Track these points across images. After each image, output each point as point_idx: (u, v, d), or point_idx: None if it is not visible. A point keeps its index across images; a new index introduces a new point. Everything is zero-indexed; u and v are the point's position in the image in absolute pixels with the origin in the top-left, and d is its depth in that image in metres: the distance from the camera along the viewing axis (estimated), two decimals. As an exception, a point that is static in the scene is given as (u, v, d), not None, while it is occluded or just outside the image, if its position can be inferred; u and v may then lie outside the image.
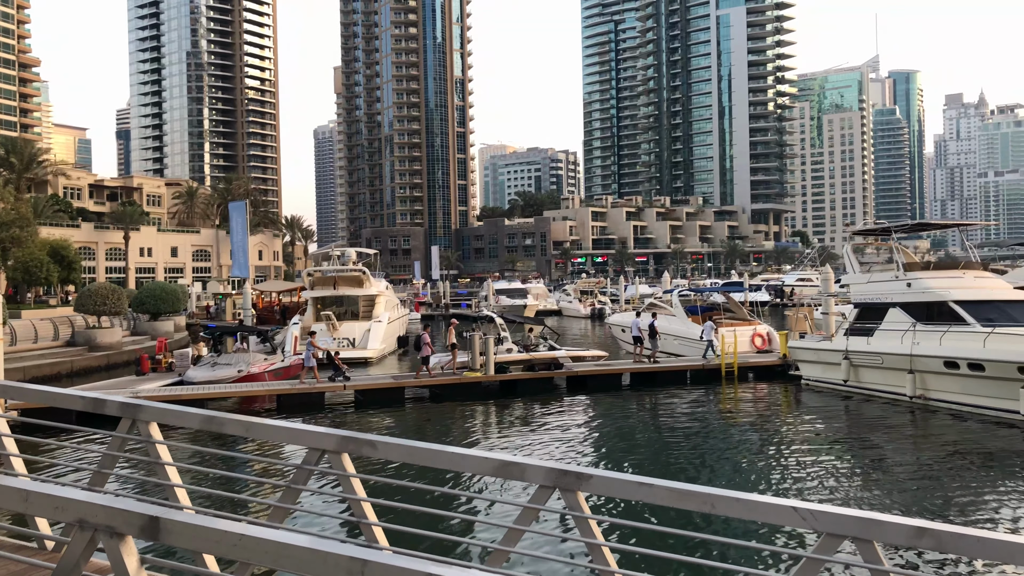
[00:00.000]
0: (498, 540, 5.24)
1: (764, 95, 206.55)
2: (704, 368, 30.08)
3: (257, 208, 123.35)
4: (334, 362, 28.08)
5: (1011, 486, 15.33)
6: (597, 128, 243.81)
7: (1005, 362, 21.07)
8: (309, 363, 26.48)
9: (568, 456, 18.79)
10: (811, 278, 78.20)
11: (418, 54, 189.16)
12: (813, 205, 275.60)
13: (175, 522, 3.63)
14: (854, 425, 22.44)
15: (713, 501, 4.47)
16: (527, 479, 5.03)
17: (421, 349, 27.52)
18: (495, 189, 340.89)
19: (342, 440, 5.58)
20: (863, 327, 26.37)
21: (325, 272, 44.32)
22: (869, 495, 14.99)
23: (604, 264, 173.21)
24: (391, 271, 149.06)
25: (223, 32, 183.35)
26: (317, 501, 13.14)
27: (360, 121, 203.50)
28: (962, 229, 33.48)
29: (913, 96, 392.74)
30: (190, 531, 3.60)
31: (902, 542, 4.18)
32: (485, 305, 69.86)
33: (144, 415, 6.24)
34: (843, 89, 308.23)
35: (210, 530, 3.55)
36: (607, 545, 4.82)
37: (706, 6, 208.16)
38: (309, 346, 27.10)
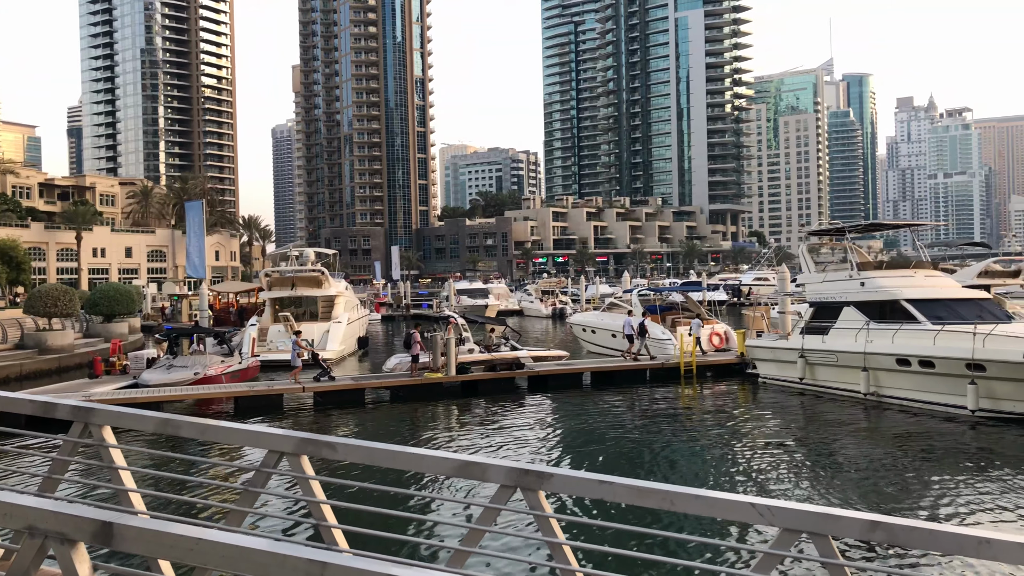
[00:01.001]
0: (460, 541, 5.23)
1: (722, 97, 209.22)
2: (663, 367, 30.36)
3: (214, 208, 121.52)
4: (319, 362, 27.90)
5: (959, 479, 15.72)
6: (558, 129, 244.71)
7: (953, 359, 21.60)
8: (295, 363, 26.56)
9: (529, 456, 18.82)
10: (768, 278, 79.40)
11: (378, 53, 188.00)
12: (769, 206, 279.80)
13: (129, 527, 3.55)
14: (810, 422, 22.82)
15: (672, 498, 4.51)
16: (488, 479, 5.02)
17: (411, 347, 27.64)
18: (456, 189, 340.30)
19: (301, 442, 5.52)
20: (818, 326, 26.84)
21: (283, 273, 43.77)
22: (825, 490, 15.26)
23: (565, 264, 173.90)
24: (351, 271, 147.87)
25: (178, 29, 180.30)
26: (276, 504, 12.99)
27: (319, 120, 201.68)
28: (913, 229, 34.29)
29: (866, 99, 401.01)
30: (144, 536, 3.52)
31: (856, 536, 4.25)
32: (446, 305, 69.70)
33: (97, 419, 6.11)
34: (798, 91, 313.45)
35: (165, 535, 3.49)
36: (568, 544, 4.83)
37: (665, 8, 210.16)
38: (295, 346, 27.10)
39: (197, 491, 14.55)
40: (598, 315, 41.99)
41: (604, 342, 38.22)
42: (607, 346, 37.55)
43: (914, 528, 4.08)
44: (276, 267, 48.63)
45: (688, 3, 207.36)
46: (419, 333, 28.35)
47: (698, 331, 32.25)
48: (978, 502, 14.15)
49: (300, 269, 44.05)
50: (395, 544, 10.52)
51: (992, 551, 3.90)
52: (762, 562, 4.42)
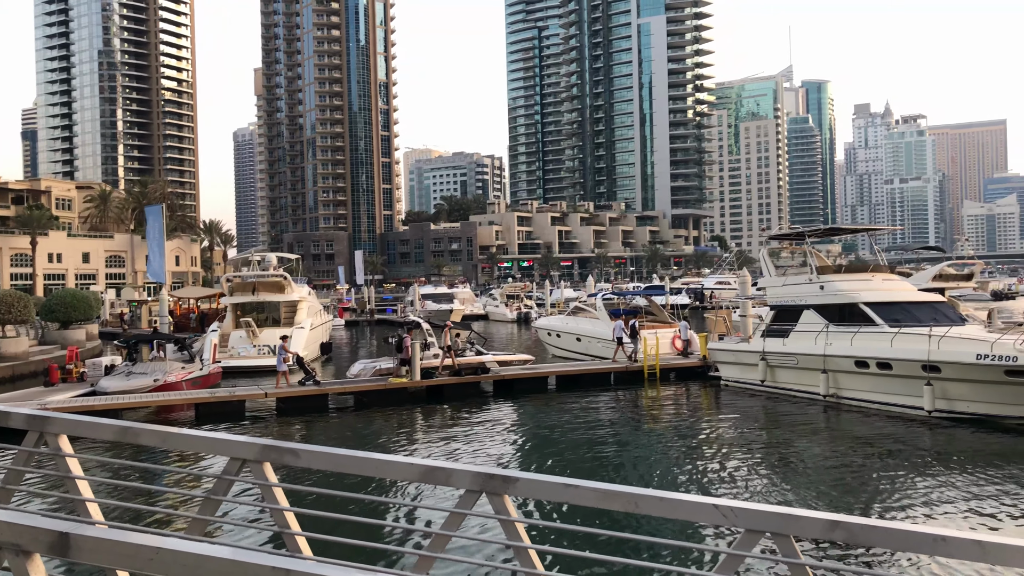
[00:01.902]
0: (425, 546, 5.21)
1: (684, 103, 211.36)
2: (627, 370, 30.54)
3: (174, 212, 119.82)
4: (304, 366, 27.60)
5: (916, 479, 16.03)
6: (522, 134, 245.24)
7: (910, 360, 22.03)
8: (281, 367, 26.49)
9: (495, 460, 18.81)
10: (729, 281, 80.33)
11: (341, 57, 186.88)
12: (731, 210, 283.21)
13: (86, 538, 3.48)
14: (771, 424, 23.11)
15: (637, 501, 4.53)
16: (453, 484, 5.01)
17: (402, 351, 27.69)
18: (420, 193, 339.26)
19: (263, 449, 5.46)
20: (779, 329, 27.19)
21: (245, 278, 43.24)
22: (786, 491, 15.46)
23: (530, 268, 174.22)
24: (314, 276, 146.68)
25: (137, 31, 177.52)
26: (239, 512, 12.83)
27: (281, 124, 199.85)
28: (871, 233, 34.90)
29: (825, 105, 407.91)
30: (103, 547, 3.46)
31: (817, 535, 4.31)
32: (411, 310, 69.40)
33: (53, 427, 5.98)
34: (759, 98, 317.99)
35: (124, 544, 3.43)
36: (533, 548, 4.84)
37: (627, 14, 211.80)
38: (281, 351, 26.90)
39: (157, 500, 14.31)
40: (563, 319, 42.13)
41: (569, 346, 38.35)
42: (572, 350, 37.70)
43: (873, 527, 4.16)
44: (238, 272, 48.10)
45: (650, 9, 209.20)
46: (409, 337, 28.31)
47: (686, 333, 32.71)
48: (934, 500, 14.45)
49: (262, 274, 43.56)
50: (360, 550, 10.44)
51: (947, 548, 3.99)
52: (725, 562, 4.47)
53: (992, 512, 13.69)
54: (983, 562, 4.00)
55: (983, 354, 20.47)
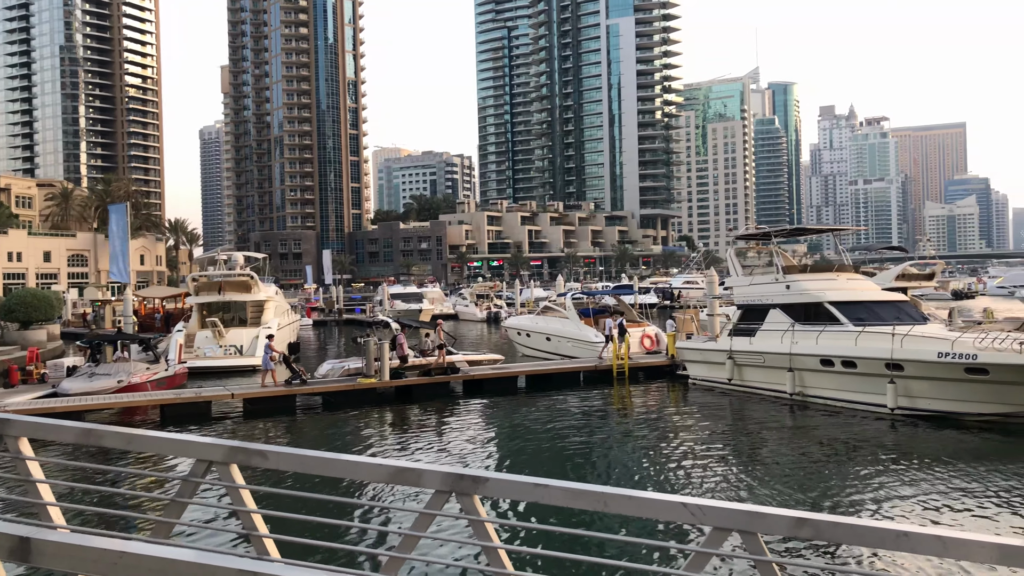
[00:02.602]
0: (394, 547, 5.19)
1: (652, 104, 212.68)
2: (596, 369, 30.68)
3: (139, 211, 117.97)
4: (291, 365, 27.39)
5: (880, 475, 16.29)
6: (492, 133, 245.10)
7: (874, 359, 22.38)
8: (267, 366, 26.53)
9: (465, 460, 18.79)
10: (697, 281, 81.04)
11: (309, 55, 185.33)
12: (698, 210, 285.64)
13: (48, 542, 3.42)
14: (738, 422, 23.35)
15: (606, 499, 4.56)
16: (423, 485, 4.99)
17: (397, 349, 27.87)
18: (390, 192, 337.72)
19: (230, 451, 5.39)
20: (746, 328, 27.47)
21: (211, 277, 42.74)
22: (754, 488, 15.63)
23: (500, 268, 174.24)
24: (281, 276, 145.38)
25: (100, 27, 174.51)
26: (206, 514, 12.68)
27: (248, 122, 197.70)
28: (835, 234, 35.41)
29: (790, 107, 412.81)
30: (65, 551, 3.40)
31: (784, 532, 4.36)
32: (380, 310, 69.07)
33: (12, 430, 5.86)
34: (726, 99, 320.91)
35: (87, 549, 3.37)
36: (503, 547, 4.84)
37: (596, 15, 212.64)
38: (267, 349, 26.85)
39: (122, 503, 14.09)
40: (533, 319, 42.20)
41: (539, 345, 38.42)
42: (542, 349, 37.78)
43: (838, 524, 4.22)
44: (204, 271, 47.56)
45: (619, 10, 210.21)
46: (403, 335, 28.67)
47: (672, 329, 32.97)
48: (897, 496, 14.69)
49: (228, 274, 43.09)
50: (329, 552, 10.37)
51: (910, 543, 4.06)
52: (694, 561, 4.50)
53: (953, 507, 13.96)
54: (944, 556, 4.08)
55: (944, 352, 20.85)
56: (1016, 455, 17.64)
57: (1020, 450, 18.15)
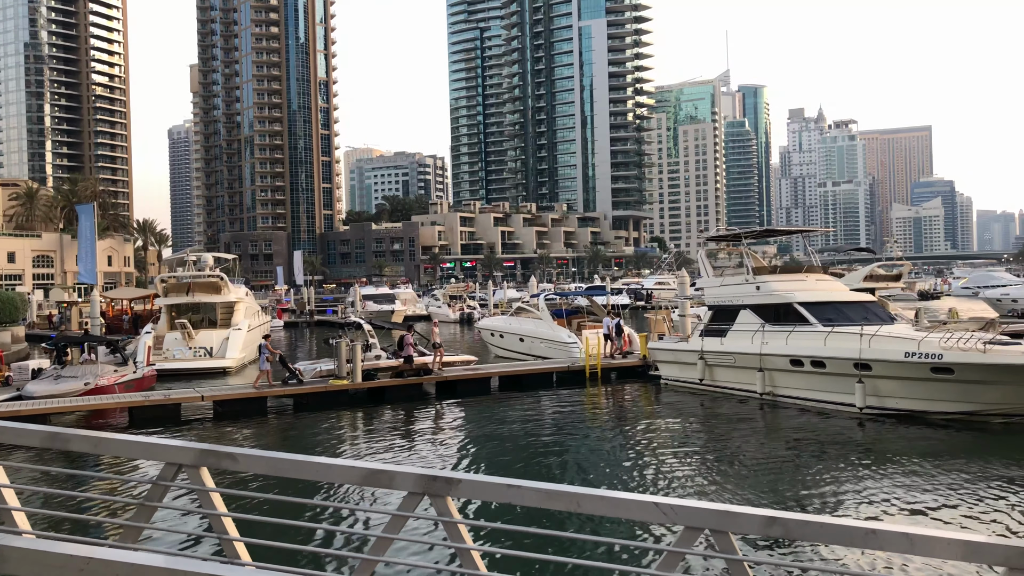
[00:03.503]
0: (367, 549, 5.16)
1: (624, 106, 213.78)
2: (569, 370, 30.75)
3: (106, 211, 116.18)
4: (287, 365, 27.15)
5: (849, 474, 16.50)
6: (464, 134, 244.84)
7: (843, 359, 22.66)
8: (263, 366, 26.43)
9: (438, 462, 18.74)
10: (668, 282, 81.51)
11: (280, 54, 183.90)
12: (670, 212, 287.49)
13: (12, 548, 3.36)
14: (710, 422, 23.52)
15: (579, 500, 4.57)
16: (396, 487, 4.97)
17: (403, 349, 27.89)
18: (362, 193, 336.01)
19: (200, 454, 5.34)
20: (717, 328, 27.68)
21: (180, 278, 42.23)
22: (725, 488, 15.75)
23: (473, 269, 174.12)
24: (252, 277, 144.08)
25: (66, 24, 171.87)
26: (176, 519, 12.52)
27: (218, 121, 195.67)
28: (805, 235, 35.80)
29: (760, 110, 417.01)
30: (30, 557, 3.34)
31: (755, 531, 4.41)
32: (352, 311, 68.67)
33: (-24, 434, 5.75)
34: (697, 101, 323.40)
35: (53, 555, 3.32)
36: (476, 549, 4.84)
37: (568, 17, 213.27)
38: (263, 349, 26.70)
39: (89, 508, 13.88)
40: (506, 320, 42.20)
41: (512, 346, 38.42)
42: (515, 350, 37.78)
43: (807, 522, 4.27)
44: (173, 272, 47.01)
45: (591, 12, 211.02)
46: (410, 335, 28.59)
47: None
48: (866, 494, 14.89)
49: (198, 275, 42.60)
50: (301, 555, 10.30)
51: (878, 541, 4.12)
52: (666, 560, 4.53)
53: (919, 504, 14.18)
54: (911, 553, 4.14)
55: (911, 352, 21.16)
56: (980, 453, 17.96)
57: (984, 448, 18.48)
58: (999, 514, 13.54)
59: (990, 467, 16.60)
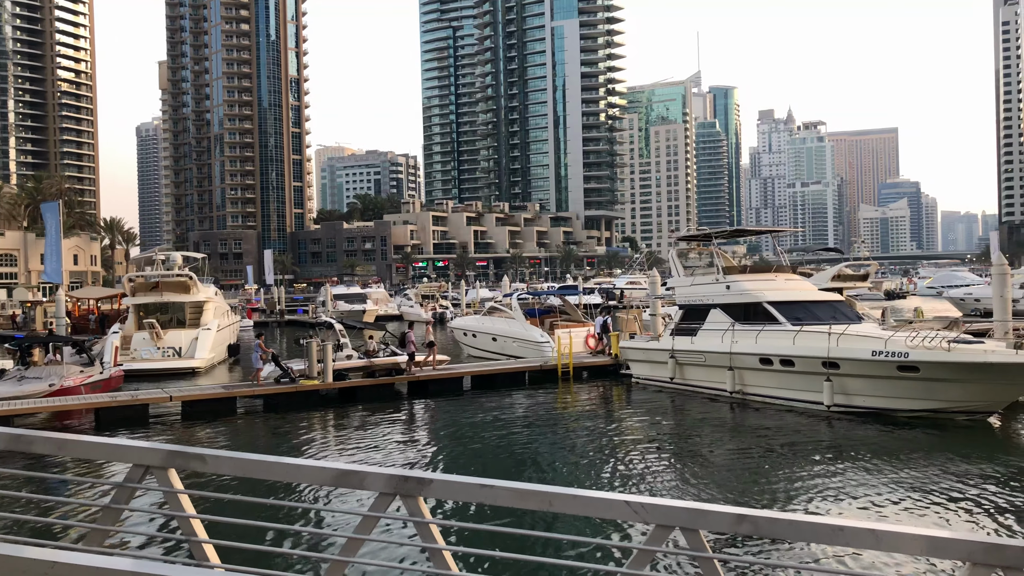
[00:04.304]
0: (338, 551, 5.13)
1: (596, 106, 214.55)
2: (542, 369, 30.81)
3: (72, 209, 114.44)
4: (280, 363, 26.92)
5: (817, 471, 16.71)
6: (437, 133, 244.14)
7: (811, 357, 22.94)
8: (256, 364, 26.56)
9: (409, 462, 18.68)
10: (640, 281, 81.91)
11: (251, 51, 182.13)
12: (641, 212, 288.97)
13: (-26, 553, 3.30)
14: (681, 420, 23.69)
15: (551, 499, 4.58)
16: (367, 487, 4.95)
17: (406, 346, 28.33)
18: (333, 192, 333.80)
19: (168, 455, 5.27)
20: (687, 327, 27.89)
21: (148, 277, 41.69)
22: (695, 486, 15.87)
23: (445, 268, 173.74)
24: (221, 276, 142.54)
25: (31, 19, 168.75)
26: (143, 521, 12.36)
27: (187, 119, 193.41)
28: (774, 235, 36.20)
29: (731, 111, 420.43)
30: (-7, 562, 3.28)
31: (725, 529, 4.44)
32: (323, 311, 68.22)
33: (-63, 437, 5.63)
34: (668, 102, 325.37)
35: (16, 559, 3.26)
36: (448, 549, 4.83)
37: (541, 17, 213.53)
38: (257, 348, 26.73)
39: (54, 511, 13.65)
40: (479, 319, 42.18)
41: (485, 346, 38.41)
42: (488, 350, 37.77)
43: (776, 519, 4.32)
44: (141, 272, 46.41)
45: (564, 13, 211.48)
46: (412, 333, 28.90)
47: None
48: (834, 491, 15.08)
49: (166, 274, 42.08)
50: (271, 557, 10.21)
51: (845, 537, 4.17)
52: (637, 558, 4.56)
53: (886, 500, 14.39)
54: (877, 549, 4.21)
55: (878, 351, 21.47)
56: (944, 449, 18.27)
57: (948, 444, 18.80)
58: (962, 510, 13.78)
59: (954, 464, 16.89)
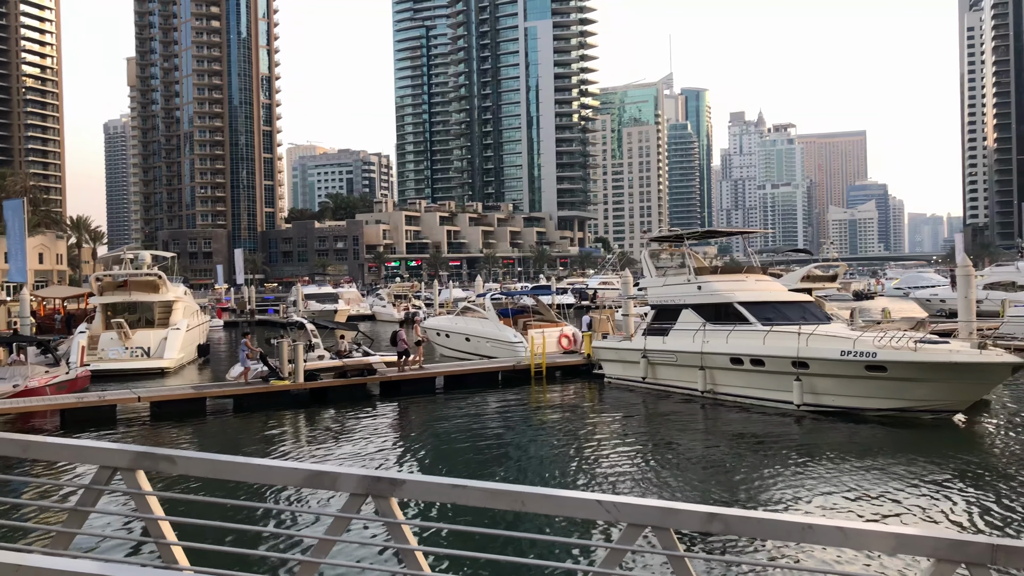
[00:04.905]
0: (309, 552, 5.10)
1: (569, 107, 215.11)
2: (515, 369, 30.82)
3: (37, 207, 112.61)
4: (268, 362, 26.64)
5: (787, 470, 16.88)
6: (410, 132, 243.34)
7: (781, 357, 23.17)
8: (245, 364, 26.41)
9: (381, 463, 18.61)
10: (612, 282, 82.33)
11: (221, 49, 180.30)
12: (614, 213, 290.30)
13: (-64, 557, 3.23)
14: (652, 419, 23.83)
15: (524, 499, 4.59)
16: (339, 488, 4.92)
17: (397, 345, 28.75)
18: (304, 191, 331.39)
19: (136, 456, 5.20)
20: (659, 327, 28.05)
21: (116, 276, 41.10)
22: (667, 485, 15.97)
23: (418, 268, 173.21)
24: (191, 275, 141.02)
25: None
26: (112, 524, 12.19)
27: (157, 116, 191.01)
28: (744, 236, 36.49)
29: (703, 113, 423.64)
30: (-45, 566, 3.22)
31: (696, 527, 4.48)
32: (294, 310, 67.69)
33: None
34: (640, 104, 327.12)
35: (-20, 563, 3.20)
36: (421, 549, 4.82)
37: (514, 17, 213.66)
38: (244, 347, 26.54)
39: (18, 514, 13.41)
40: (452, 319, 42.09)
41: (458, 346, 38.35)
42: (461, 350, 37.71)
43: (747, 518, 4.36)
44: (109, 271, 45.74)
45: (537, 13, 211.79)
46: (404, 332, 29.47)
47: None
48: (803, 490, 15.25)
49: (135, 273, 41.53)
50: (241, 559, 10.11)
51: (814, 535, 4.22)
52: (609, 557, 4.58)
53: (854, 499, 14.57)
54: (845, 547, 4.26)
55: (846, 351, 21.75)
56: (911, 447, 18.55)
57: (914, 442, 19.09)
58: (928, 507, 14.00)
59: (919, 462, 17.16)
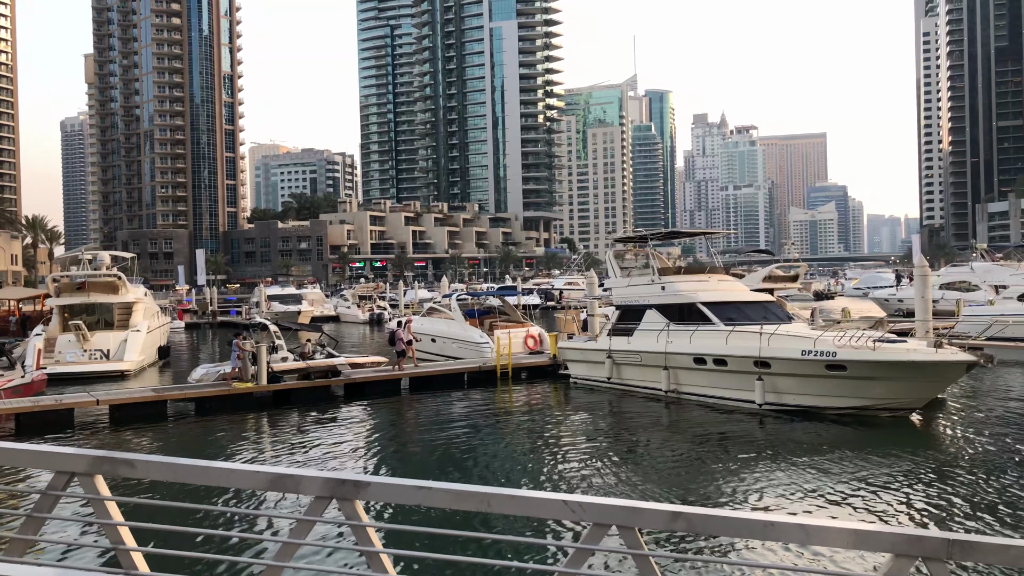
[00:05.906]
0: (272, 556, 5.04)
1: (535, 108, 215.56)
2: (481, 370, 30.80)
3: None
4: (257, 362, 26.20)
5: (749, 468, 17.09)
6: (375, 132, 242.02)
7: (743, 357, 23.44)
8: (235, 364, 26.06)
9: (347, 465, 18.48)
10: (578, 282, 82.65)
11: (183, 46, 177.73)
12: (579, 213, 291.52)
13: None
14: (617, 419, 23.96)
15: (489, 500, 4.58)
16: (302, 491, 4.88)
17: (395, 344, 28.85)
18: (268, 190, 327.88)
19: (94, 460, 5.10)
20: (624, 328, 28.21)
21: (74, 277, 40.32)
22: (632, 484, 16.07)
23: (383, 269, 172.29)
24: (151, 276, 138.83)
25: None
26: (72, 530, 11.95)
27: (116, 114, 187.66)
28: (708, 237, 36.88)
29: (666, 114, 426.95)
30: (-95, 575, 3.13)
31: (660, 526, 4.51)
32: (257, 312, 66.96)
33: None
34: (605, 105, 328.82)
35: (-69, 572, 3.12)
36: (386, 552, 4.79)
37: (480, 18, 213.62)
38: (235, 347, 26.20)
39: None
40: (418, 320, 41.88)
41: (424, 347, 38.19)
42: (427, 351, 37.57)
43: (710, 516, 4.40)
44: (66, 272, 44.86)
45: (502, 14, 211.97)
46: (400, 331, 29.52)
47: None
48: (765, 488, 15.44)
49: (93, 274, 40.76)
50: (203, 563, 9.99)
51: (776, 532, 4.28)
52: (574, 557, 4.59)
53: (815, 495, 14.80)
54: (806, 543, 4.33)
55: (807, 350, 22.06)
56: (870, 445, 18.88)
57: (873, 440, 19.43)
58: (886, 503, 14.26)
59: (878, 459, 17.47)
